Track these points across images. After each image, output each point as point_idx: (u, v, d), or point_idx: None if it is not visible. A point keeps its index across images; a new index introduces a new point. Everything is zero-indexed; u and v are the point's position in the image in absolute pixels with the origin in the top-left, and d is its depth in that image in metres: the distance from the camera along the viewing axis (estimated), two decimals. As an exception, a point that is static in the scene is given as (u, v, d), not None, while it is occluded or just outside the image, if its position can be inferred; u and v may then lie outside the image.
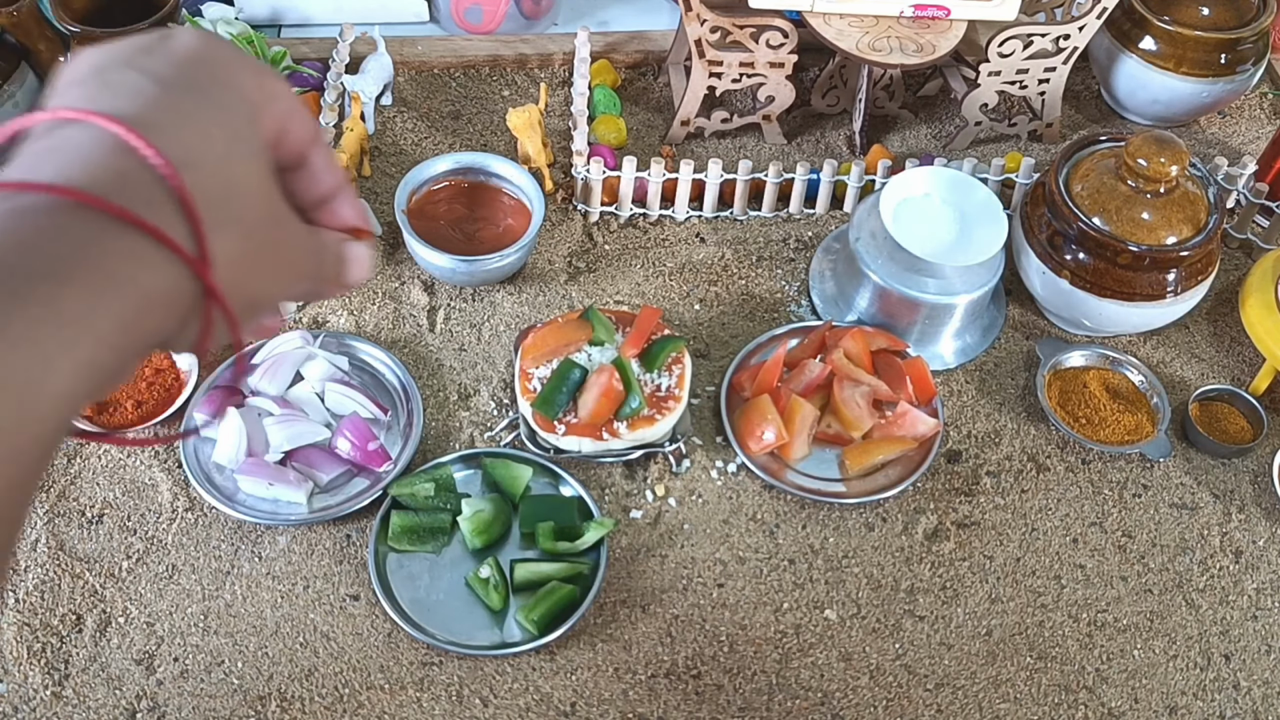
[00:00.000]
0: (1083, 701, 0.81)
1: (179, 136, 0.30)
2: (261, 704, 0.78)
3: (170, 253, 0.29)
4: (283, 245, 0.34)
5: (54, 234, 0.28)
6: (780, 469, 0.90)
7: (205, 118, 0.32)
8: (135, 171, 0.29)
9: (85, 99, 0.30)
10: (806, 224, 1.08)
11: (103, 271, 0.28)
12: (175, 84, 0.32)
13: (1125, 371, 0.97)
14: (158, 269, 0.29)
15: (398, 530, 0.84)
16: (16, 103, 1.05)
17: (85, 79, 0.32)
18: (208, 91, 0.32)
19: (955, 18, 1.05)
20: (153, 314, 0.29)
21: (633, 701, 0.79)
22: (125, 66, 0.32)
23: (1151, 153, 0.90)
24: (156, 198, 0.29)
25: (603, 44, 1.21)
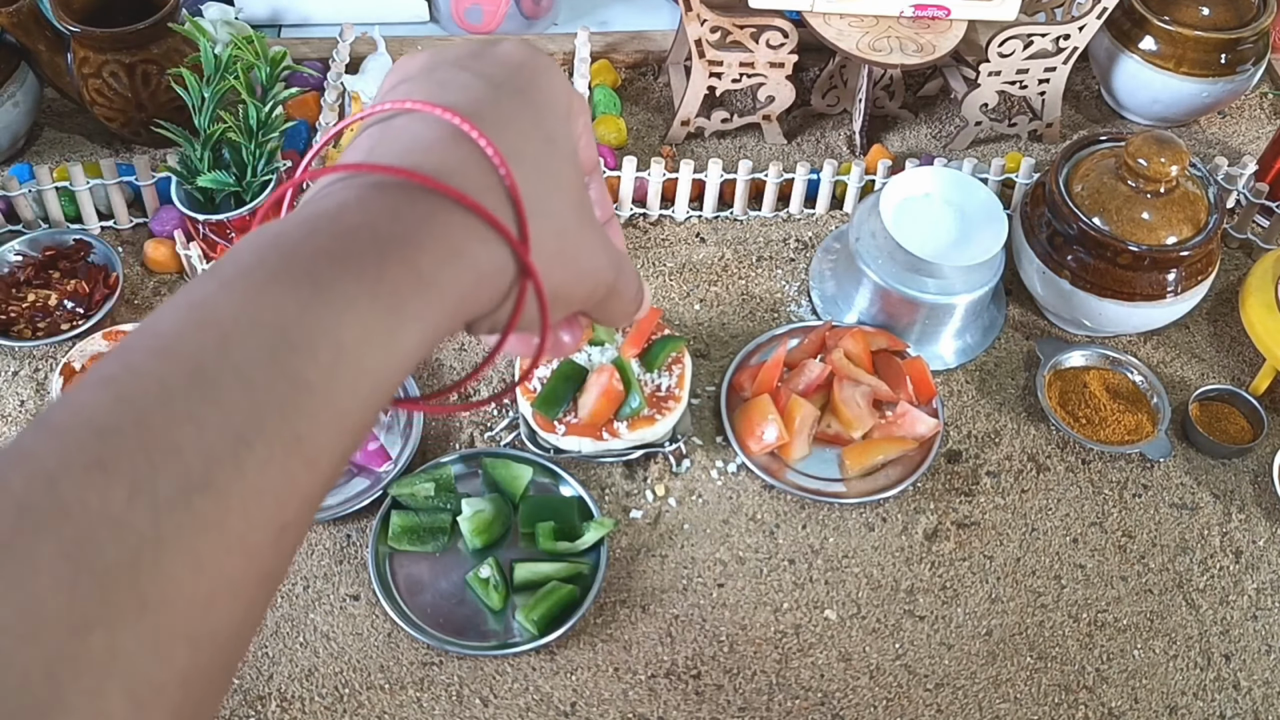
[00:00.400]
0: (1083, 701, 0.81)
1: (505, 131, 0.32)
2: (261, 704, 0.78)
3: (498, 234, 0.31)
4: (587, 248, 0.36)
5: (406, 209, 0.30)
6: (780, 469, 0.90)
7: (528, 118, 0.34)
8: (470, 159, 0.32)
9: (422, 93, 0.33)
10: (806, 224, 1.08)
11: (449, 243, 0.30)
12: (503, 84, 0.34)
13: (1125, 371, 0.97)
14: (489, 246, 0.31)
15: (398, 530, 0.84)
16: (16, 102, 1.05)
17: (416, 77, 0.34)
18: (529, 95, 0.34)
19: (955, 18, 1.05)
20: (482, 288, 0.31)
21: (633, 701, 0.79)
22: (455, 67, 0.34)
23: (1151, 153, 0.90)
24: (488, 184, 0.31)
25: (603, 44, 1.21)
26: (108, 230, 1.04)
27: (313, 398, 0.27)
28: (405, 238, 0.29)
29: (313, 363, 0.27)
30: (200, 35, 0.93)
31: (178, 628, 0.24)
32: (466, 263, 0.31)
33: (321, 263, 0.28)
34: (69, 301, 0.97)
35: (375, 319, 0.28)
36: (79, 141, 1.13)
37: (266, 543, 0.26)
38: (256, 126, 0.93)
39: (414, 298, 0.29)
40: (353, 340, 0.28)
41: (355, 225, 0.29)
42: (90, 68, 1.02)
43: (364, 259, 0.29)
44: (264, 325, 0.27)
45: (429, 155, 0.31)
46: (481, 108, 0.33)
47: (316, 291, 0.28)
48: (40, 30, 1.02)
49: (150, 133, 1.04)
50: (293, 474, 0.26)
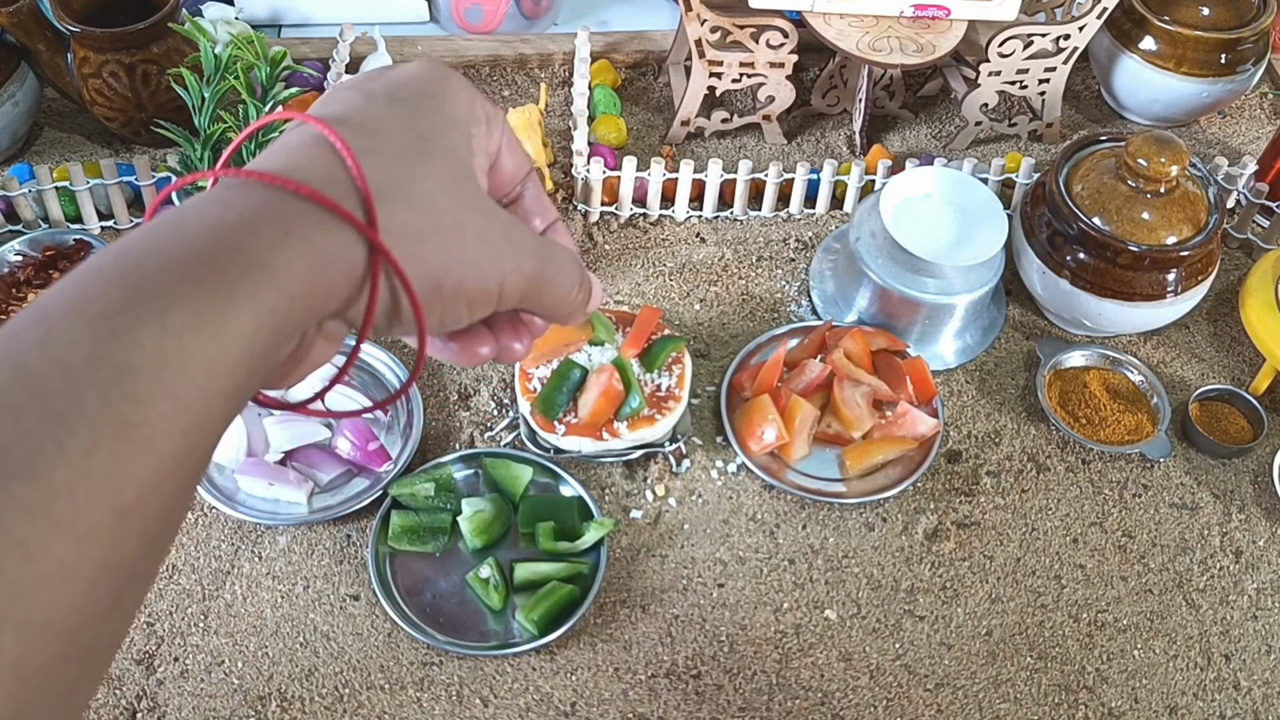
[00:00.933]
0: (1083, 701, 0.81)
1: (371, 131, 0.35)
2: (261, 704, 0.78)
3: (338, 217, 0.33)
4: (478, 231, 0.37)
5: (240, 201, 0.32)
6: (780, 469, 0.90)
7: (399, 119, 0.37)
8: (321, 156, 0.34)
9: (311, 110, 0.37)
10: (806, 224, 1.08)
11: (283, 228, 0.32)
12: (380, 95, 0.37)
13: (1125, 371, 0.97)
14: (330, 230, 0.33)
15: (398, 530, 0.84)
16: (16, 102, 1.05)
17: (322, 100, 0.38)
18: (409, 101, 0.37)
19: (955, 18, 1.05)
20: (327, 271, 0.33)
21: (633, 701, 0.79)
22: (348, 87, 0.38)
23: (1152, 153, 0.90)
24: (337, 176, 0.34)
25: (603, 44, 1.21)
26: (108, 230, 1.04)
27: (138, 382, 0.28)
28: (237, 225, 0.31)
29: (137, 348, 0.28)
30: (200, 35, 0.93)
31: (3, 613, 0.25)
32: (304, 245, 0.32)
33: (149, 255, 0.30)
34: (69, 301, 0.97)
35: (203, 301, 0.29)
36: (79, 141, 1.13)
37: (102, 526, 0.26)
38: (256, 126, 0.93)
39: (243, 280, 0.30)
40: (177, 324, 0.29)
41: (188, 221, 0.31)
42: (90, 68, 1.02)
43: (194, 247, 0.30)
44: (87, 316, 0.28)
45: (281, 156, 0.34)
46: (350, 114, 0.36)
47: (141, 279, 0.29)
48: (40, 30, 1.02)
49: (150, 133, 1.04)
50: (123, 457, 0.27)
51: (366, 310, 0.34)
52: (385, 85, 0.38)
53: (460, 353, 0.41)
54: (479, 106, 0.39)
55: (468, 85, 0.39)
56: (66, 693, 0.27)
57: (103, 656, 0.28)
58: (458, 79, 0.39)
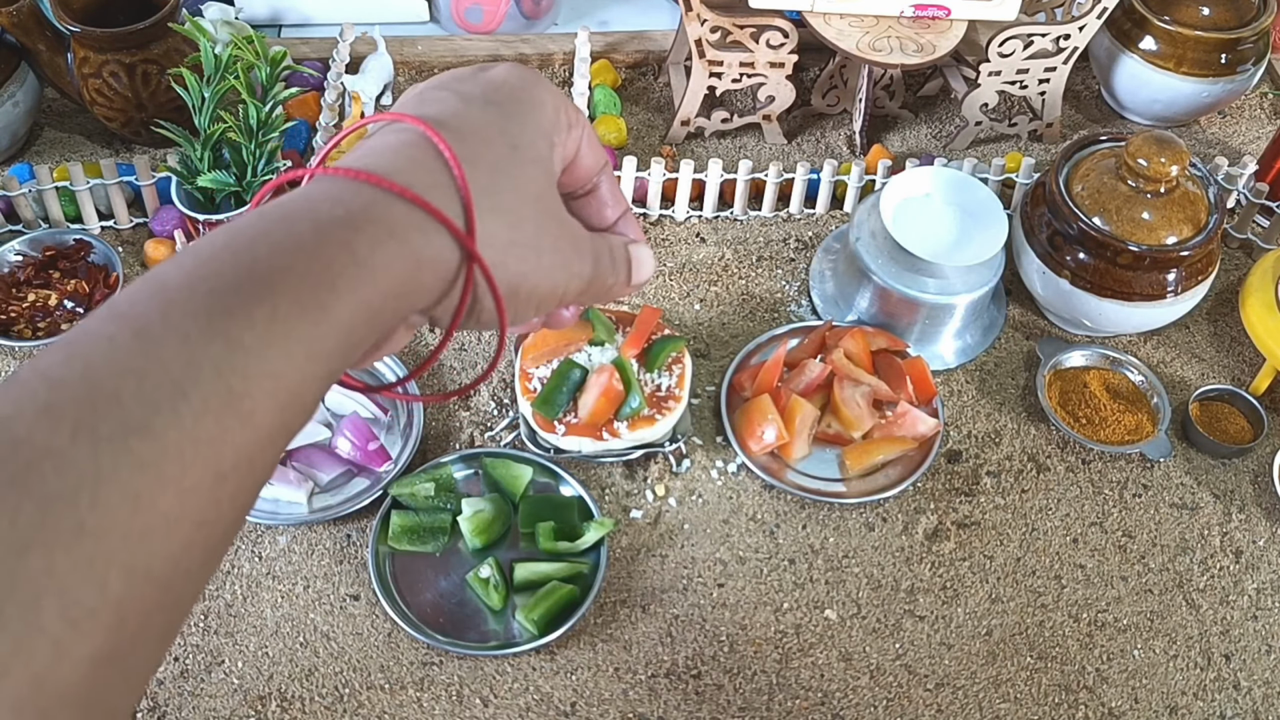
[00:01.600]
0: (1083, 701, 0.81)
1: (468, 137, 0.37)
2: (261, 704, 0.78)
3: (439, 223, 0.35)
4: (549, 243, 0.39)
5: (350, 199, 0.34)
6: (780, 469, 0.90)
7: (494, 126, 0.38)
8: (425, 160, 0.36)
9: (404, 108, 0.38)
10: (807, 224, 1.08)
11: (386, 229, 0.33)
12: (475, 99, 0.39)
13: (1125, 371, 0.97)
14: (429, 235, 0.34)
15: (398, 530, 0.84)
16: (16, 102, 1.05)
17: (412, 98, 0.39)
18: (503, 107, 0.39)
19: (955, 18, 1.05)
20: (424, 272, 0.35)
21: (633, 701, 0.79)
22: (441, 88, 0.39)
23: (1152, 153, 0.90)
24: (438, 181, 0.35)
25: (603, 44, 1.21)
26: (108, 230, 1.04)
27: (246, 357, 0.30)
28: (343, 222, 0.33)
29: (248, 326, 0.30)
30: (200, 35, 0.93)
31: (113, 556, 0.26)
32: (404, 247, 0.34)
33: (261, 242, 0.32)
34: (69, 301, 0.97)
35: (308, 291, 0.31)
36: (79, 141, 1.13)
37: (203, 487, 0.29)
38: (256, 126, 0.93)
39: (345, 274, 0.32)
40: (286, 308, 0.31)
41: (296, 212, 0.33)
42: (90, 68, 1.02)
43: (302, 239, 0.32)
44: (203, 293, 0.30)
45: (385, 157, 0.36)
46: (449, 117, 0.37)
47: (255, 264, 0.31)
48: (40, 30, 1.02)
49: (150, 133, 1.04)
50: (227, 426, 0.29)
51: (456, 309, 0.37)
52: (480, 88, 0.39)
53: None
54: (563, 114, 0.41)
55: (554, 91, 0.41)
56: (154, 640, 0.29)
57: (185, 611, 0.30)
58: (545, 85, 0.41)
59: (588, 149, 0.42)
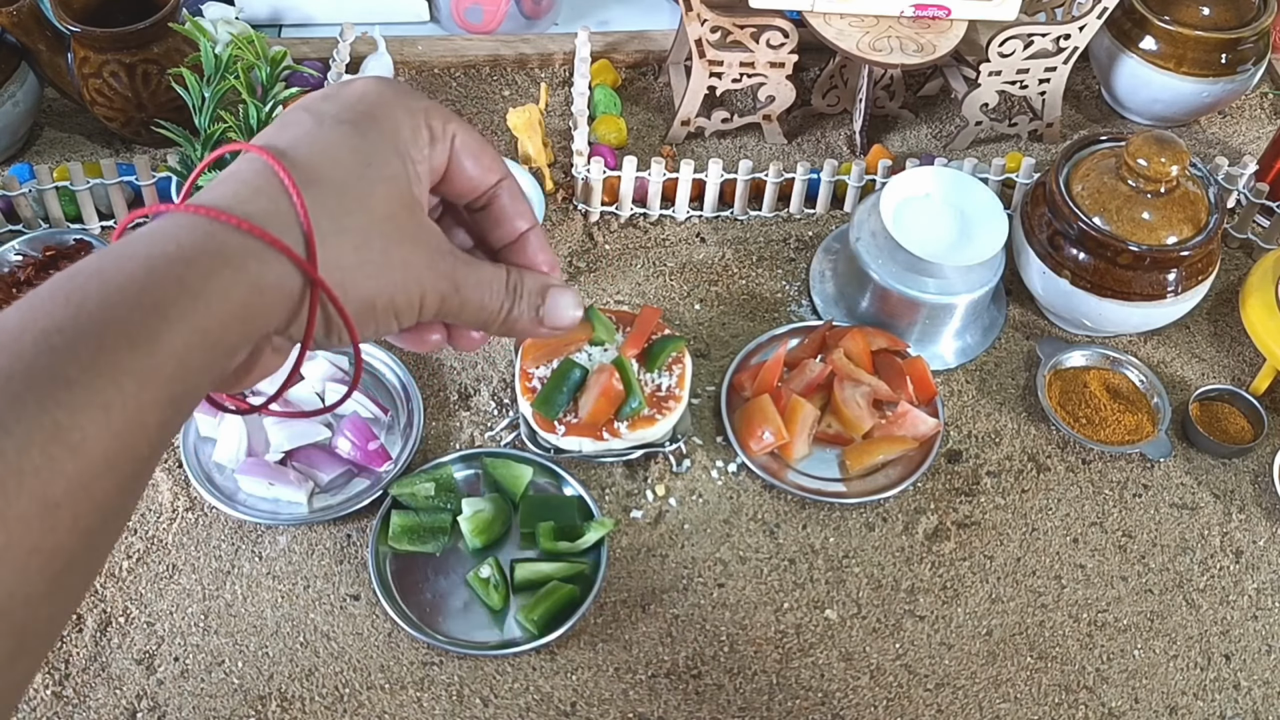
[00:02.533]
0: (1083, 701, 0.81)
1: (313, 161, 0.38)
2: (262, 704, 0.78)
3: (276, 250, 0.36)
4: (404, 257, 0.39)
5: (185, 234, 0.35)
6: (780, 469, 0.90)
7: (344, 145, 0.39)
8: (271, 188, 0.37)
9: (264, 137, 0.39)
10: (807, 224, 1.08)
11: (220, 258, 0.34)
12: (329, 118, 0.39)
13: (1125, 371, 0.97)
14: (268, 262, 0.35)
15: (398, 530, 0.84)
16: (17, 102, 1.05)
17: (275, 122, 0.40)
18: (356, 125, 0.39)
19: (955, 18, 1.05)
20: (264, 298, 0.35)
21: (633, 701, 0.79)
22: (302, 109, 0.40)
23: (1152, 153, 0.90)
24: (281, 209, 0.36)
25: (603, 44, 1.21)
26: (108, 230, 1.04)
27: (72, 391, 0.31)
28: (174, 256, 0.34)
29: (74, 360, 0.31)
30: (200, 35, 0.93)
31: None
32: (240, 275, 0.35)
33: (93, 281, 0.33)
34: (69, 301, 0.97)
35: (135, 322, 0.32)
36: (79, 141, 1.13)
37: (32, 516, 0.29)
38: (257, 126, 0.93)
39: (176, 304, 0.33)
40: (113, 342, 0.32)
41: (133, 252, 0.34)
42: (90, 67, 1.02)
43: (133, 275, 0.33)
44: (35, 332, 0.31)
45: (229, 188, 0.37)
46: (298, 141, 0.38)
47: (84, 302, 0.32)
48: (40, 30, 1.02)
49: (150, 132, 1.04)
50: (54, 456, 0.30)
51: (305, 332, 0.38)
52: (336, 107, 0.40)
53: (410, 340, 0.44)
54: (423, 130, 0.41)
55: (415, 106, 0.41)
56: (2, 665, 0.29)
57: (41, 637, 0.31)
58: (406, 99, 0.41)
59: (468, 158, 0.42)
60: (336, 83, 0.42)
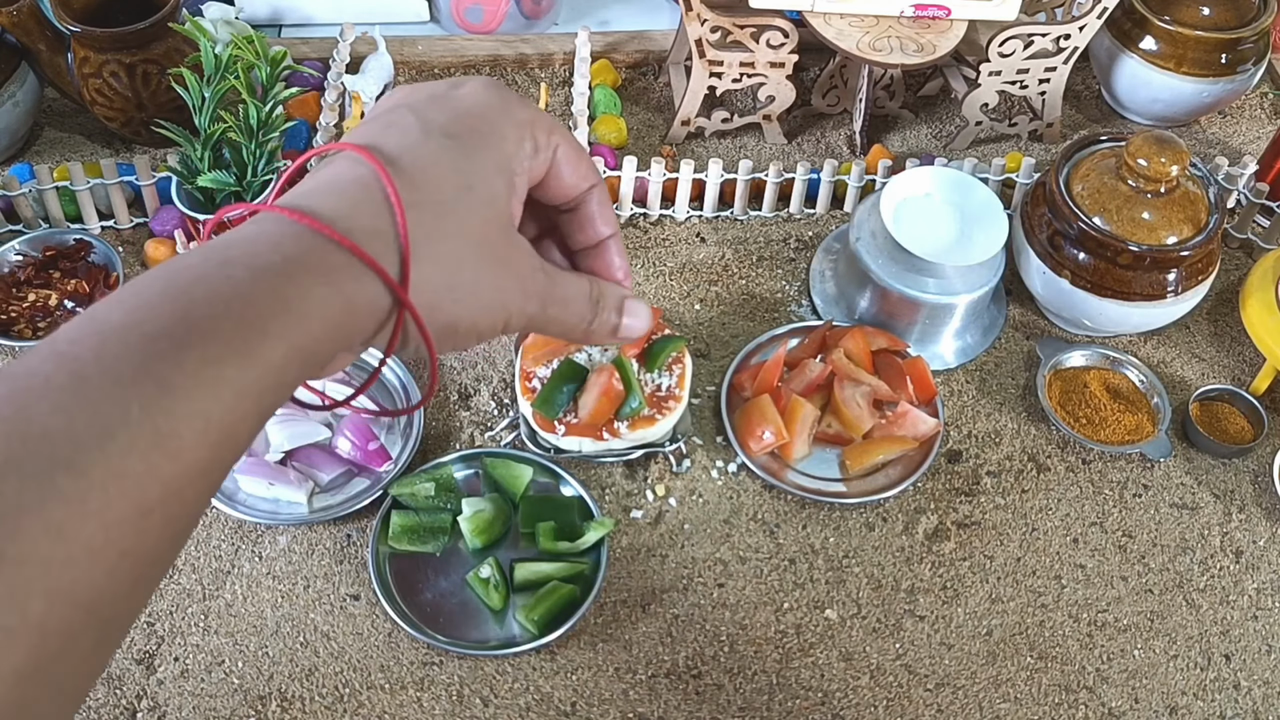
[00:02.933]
0: (1083, 701, 0.81)
1: (418, 177, 0.38)
2: (262, 704, 0.78)
3: (374, 271, 0.36)
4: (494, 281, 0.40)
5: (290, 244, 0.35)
6: (780, 469, 0.90)
7: (449, 163, 0.39)
8: (371, 201, 0.37)
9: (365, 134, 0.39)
10: (807, 224, 1.08)
11: (320, 275, 0.35)
12: (436, 129, 0.39)
13: (1126, 371, 0.97)
14: (363, 281, 0.36)
15: (398, 530, 0.84)
16: (17, 102, 1.05)
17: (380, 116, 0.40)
18: (461, 140, 0.39)
19: (956, 18, 1.05)
20: (355, 316, 0.36)
21: (633, 701, 0.79)
22: (410, 109, 0.40)
23: (1152, 152, 0.90)
24: (382, 228, 0.36)
25: (603, 44, 1.21)
26: (108, 230, 1.04)
27: (174, 398, 0.31)
28: (278, 269, 0.34)
29: (178, 368, 0.32)
30: (200, 35, 0.93)
31: (35, 583, 0.28)
32: (337, 293, 0.35)
33: (199, 286, 0.33)
34: (69, 301, 0.97)
35: (239, 336, 0.33)
36: (79, 141, 1.13)
37: (127, 520, 0.30)
38: (257, 126, 0.93)
39: (277, 319, 0.34)
40: (215, 352, 0.32)
41: (235, 257, 0.34)
42: (90, 67, 1.02)
43: (237, 284, 0.34)
44: (138, 334, 0.32)
45: (332, 197, 0.37)
46: (405, 152, 0.38)
47: (190, 308, 0.33)
48: (40, 30, 1.02)
49: (150, 132, 1.04)
50: (153, 463, 0.31)
51: (387, 348, 0.38)
52: (445, 117, 0.40)
53: None
54: (528, 141, 0.41)
55: (522, 118, 0.41)
56: (82, 657, 0.30)
57: (120, 628, 0.32)
58: (514, 110, 0.41)
59: (567, 166, 0.42)
60: (445, 84, 0.41)
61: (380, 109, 0.41)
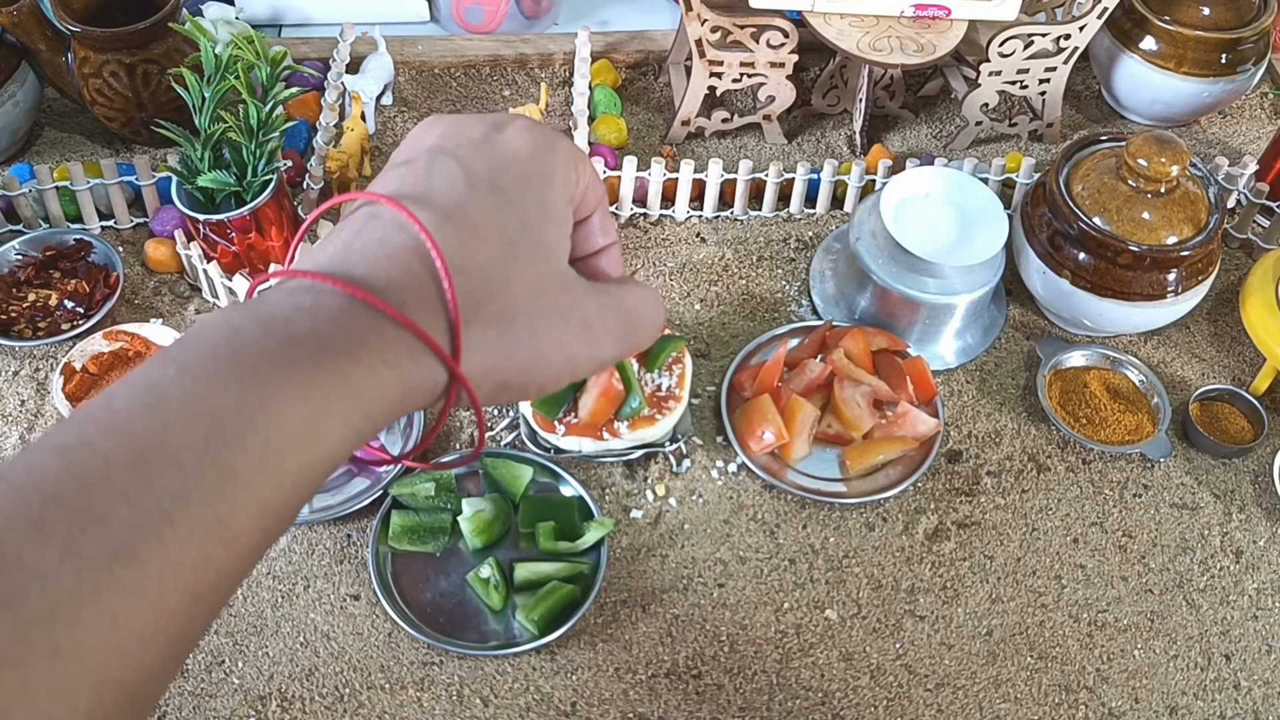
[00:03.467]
0: (1083, 701, 0.81)
1: (464, 240, 0.36)
2: (262, 704, 0.78)
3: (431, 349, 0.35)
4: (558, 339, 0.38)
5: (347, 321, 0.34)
6: (780, 469, 0.90)
7: (494, 220, 0.37)
8: (423, 271, 0.35)
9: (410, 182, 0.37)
10: (807, 224, 1.08)
11: (381, 357, 0.34)
12: (483, 182, 0.37)
13: (1126, 371, 0.97)
14: (419, 358, 0.35)
15: (398, 530, 0.84)
16: (17, 102, 1.05)
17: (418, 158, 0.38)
18: (507, 193, 0.37)
19: (956, 18, 1.05)
20: (412, 395, 0.35)
21: (633, 701, 0.79)
22: (451, 155, 0.38)
23: (1152, 153, 0.90)
24: (431, 297, 0.35)
25: (603, 44, 1.21)
26: (108, 230, 1.04)
27: (236, 487, 0.30)
28: (341, 349, 0.33)
29: (241, 455, 0.31)
30: (200, 35, 0.93)
31: (86, 674, 0.28)
32: (396, 375, 0.34)
33: (265, 366, 0.32)
34: (69, 301, 0.97)
35: (303, 422, 0.32)
36: (79, 141, 1.13)
37: (180, 608, 0.30)
38: (257, 126, 0.93)
39: (340, 403, 0.33)
40: (280, 439, 0.31)
41: (300, 334, 0.33)
42: (90, 67, 1.02)
43: (301, 366, 0.32)
44: (203, 416, 0.31)
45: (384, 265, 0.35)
46: (452, 210, 0.36)
47: (255, 390, 0.31)
48: (40, 30, 1.02)
49: (150, 132, 1.04)
50: (210, 551, 0.30)
51: (438, 419, 0.37)
52: (489, 167, 0.38)
53: None
54: (573, 172, 0.40)
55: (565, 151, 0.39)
56: None
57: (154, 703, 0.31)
58: (561, 151, 0.39)
59: (592, 194, 0.42)
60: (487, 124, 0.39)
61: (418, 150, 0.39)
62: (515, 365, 0.37)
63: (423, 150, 0.38)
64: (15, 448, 0.89)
